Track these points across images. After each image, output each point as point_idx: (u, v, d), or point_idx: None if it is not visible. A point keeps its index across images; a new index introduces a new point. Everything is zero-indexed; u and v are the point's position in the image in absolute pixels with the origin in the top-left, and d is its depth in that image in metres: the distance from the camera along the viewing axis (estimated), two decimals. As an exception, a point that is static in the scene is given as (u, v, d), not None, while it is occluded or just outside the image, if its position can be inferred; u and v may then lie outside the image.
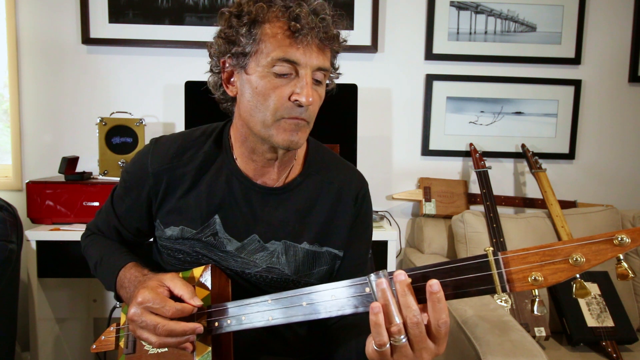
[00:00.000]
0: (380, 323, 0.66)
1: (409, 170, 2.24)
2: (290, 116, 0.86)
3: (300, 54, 0.82)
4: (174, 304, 0.80)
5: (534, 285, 0.59)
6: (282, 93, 0.84)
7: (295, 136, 0.88)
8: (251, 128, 0.90)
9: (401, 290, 0.67)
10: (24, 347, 2.01)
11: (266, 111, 0.86)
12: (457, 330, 1.40)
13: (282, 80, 0.84)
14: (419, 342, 0.66)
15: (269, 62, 0.83)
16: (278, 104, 0.85)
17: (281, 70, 0.83)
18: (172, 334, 0.80)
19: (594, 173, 2.29)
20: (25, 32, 2.07)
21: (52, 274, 1.73)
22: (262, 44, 0.84)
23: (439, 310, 0.64)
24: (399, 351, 0.67)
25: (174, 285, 0.84)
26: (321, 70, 0.86)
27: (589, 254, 0.58)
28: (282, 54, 0.82)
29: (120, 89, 2.13)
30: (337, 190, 1.01)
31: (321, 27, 0.83)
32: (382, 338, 0.66)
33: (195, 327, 0.81)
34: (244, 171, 0.97)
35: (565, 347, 1.73)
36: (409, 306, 0.65)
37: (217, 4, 2.08)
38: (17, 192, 2.11)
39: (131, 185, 1.01)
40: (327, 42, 0.85)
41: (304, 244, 0.98)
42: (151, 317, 0.79)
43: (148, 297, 0.80)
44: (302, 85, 0.84)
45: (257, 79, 0.85)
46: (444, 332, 0.65)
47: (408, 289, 0.67)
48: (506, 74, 2.20)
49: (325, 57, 0.86)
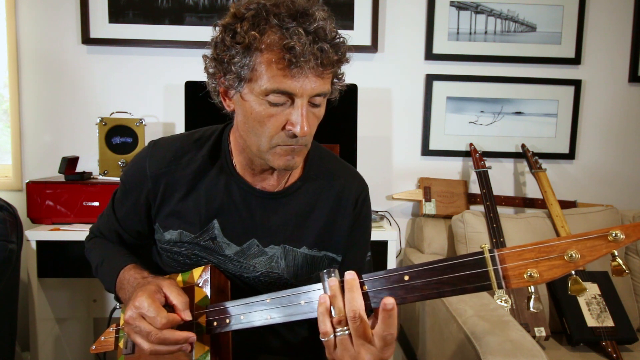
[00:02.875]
0: (323, 312, 0.71)
1: (409, 170, 2.24)
2: (285, 144, 0.84)
3: (295, 84, 0.78)
4: (166, 315, 0.80)
5: (530, 282, 0.60)
6: (277, 122, 0.82)
7: (292, 160, 0.87)
8: (248, 146, 0.90)
9: (348, 286, 0.71)
10: (24, 347, 2.02)
11: (262, 137, 0.84)
12: (457, 330, 1.40)
13: (277, 108, 0.81)
14: (358, 337, 0.69)
15: (263, 91, 0.80)
16: (273, 132, 0.83)
17: (276, 100, 0.80)
18: (165, 343, 0.80)
19: (594, 173, 2.29)
20: (25, 33, 2.08)
21: (52, 274, 1.73)
22: (256, 72, 0.80)
23: (388, 324, 0.68)
24: (341, 343, 0.71)
25: (170, 292, 0.84)
26: (319, 95, 0.83)
27: (584, 250, 0.59)
28: (276, 86, 0.78)
29: (120, 89, 2.13)
30: (337, 194, 1.00)
31: (319, 56, 0.78)
32: (325, 327, 0.71)
33: (188, 337, 0.81)
34: (243, 176, 0.97)
35: (565, 347, 1.73)
36: (351, 301, 0.70)
37: (217, 4, 2.08)
38: (17, 192, 2.12)
39: (130, 189, 1.01)
40: (325, 69, 0.80)
41: (303, 249, 0.98)
42: (144, 324, 0.79)
43: (144, 304, 0.80)
44: (297, 116, 0.80)
45: (252, 105, 0.82)
46: (389, 341, 0.69)
47: (354, 286, 0.71)
48: (506, 74, 2.20)
49: (324, 82, 0.82)
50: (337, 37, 0.83)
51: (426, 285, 0.67)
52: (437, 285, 0.66)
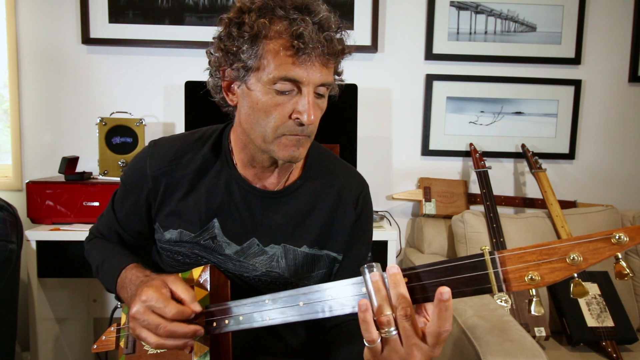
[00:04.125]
0: (368, 320, 0.65)
1: (409, 170, 2.24)
2: (291, 133, 0.85)
3: (302, 71, 0.80)
4: (176, 305, 0.80)
5: (531, 285, 0.58)
6: (283, 111, 0.83)
7: (296, 152, 0.87)
8: (252, 139, 0.90)
9: (393, 282, 0.66)
10: (24, 347, 2.02)
11: (267, 127, 0.85)
12: (457, 330, 1.40)
13: (283, 97, 0.82)
14: (409, 337, 0.64)
15: (270, 79, 0.81)
16: (279, 122, 0.84)
17: (283, 87, 0.81)
18: (173, 335, 0.79)
19: (594, 173, 2.29)
20: (25, 33, 2.08)
21: (52, 274, 1.73)
22: (264, 60, 0.81)
23: (444, 318, 0.62)
24: (389, 345, 0.65)
25: (176, 287, 0.83)
26: (324, 85, 0.85)
27: (586, 252, 0.57)
28: (284, 73, 0.80)
29: (120, 89, 2.13)
30: (337, 194, 1.00)
31: (325, 44, 0.80)
32: (371, 335, 0.65)
33: (196, 329, 0.80)
34: (244, 175, 0.97)
35: (565, 347, 1.73)
36: (400, 297, 0.65)
37: (217, 4, 2.08)
38: (17, 192, 2.11)
39: (130, 188, 1.01)
40: (331, 58, 0.83)
41: (304, 248, 0.97)
42: (153, 316, 0.79)
43: (152, 296, 0.79)
44: (304, 103, 0.82)
45: (258, 95, 0.83)
46: (444, 338, 0.64)
47: (400, 281, 0.66)
48: (506, 74, 2.20)
49: (328, 72, 0.84)
50: (341, 29, 0.86)
51: (425, 287, 0.66)
52: (437, 288, 0.65)
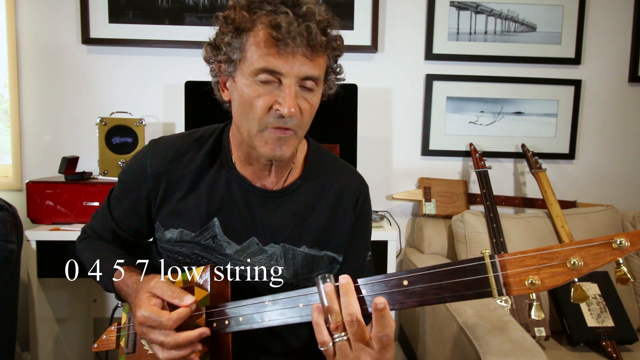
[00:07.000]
0: (319, 322, 0.71)
1: (409, 170, 2.24)
2: (274, 126, 0.84)
3: (282, 63, 0.80)
4: (171, 315, 0.80)
5: (531, 289, 0.58)
6: (264, 103, 0.83)
7: (279, 150, 0.86)
8: (242, 134, 0.90)
9: (343, 290, 0.71)
10: (24, 347, 2.02)
11: (251, 120, 0.85)
12: (457, 330, 1.40)
13: (266, 88, 0.82)
14: (357, 341, 0.69)
15: (252, 71, 0.81)
16: (261, 113, 0.83)
17: (265, 78, 0.81)
18: (179, 346, 0.80)
19: (594, 173, 2.29)
20: (26, 32, 2.07)
21: (52, 274, 1.73)
22: (247, 53, 0.82)
23: (382, 324, 0.68)
24: (340, 350, 0.70)
25: (162, 292, 0.83)
26: (310, 79, 0.83)
27: (587, 257, 0.57)
28: (264, 64, 0.80)
29: (120, 89, 2.13)
30: (337, 194, 1.00)
31: (305, 35, 0.78)
32: (323, 337, 0.71)
33: (202, 332, 0.81)
34: (243, 174, 0.97)
35: (565, 347, 1.73)
36: (347, 305, 0.69)
37: (217, 4, 2.08)
38: (17, 192, 2.11)
39: (130, 187, 1.01)
40: (314, 49, 0.81)
41: (303, 248, 0.98)
42: (155, 334, 0.80)
43: (145, 315, 0.80)
44: (284, 95, 0.81)
45: (243, 88, 0.84)
46: (386, 343, 0.69)
47: (349, 290, 0.70)
48: (506, 74, 2.20)
49: (314, 65, 0.82)
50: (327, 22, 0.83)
51: (425, 290, 0.66)
52: (437, 291, 0.66)
